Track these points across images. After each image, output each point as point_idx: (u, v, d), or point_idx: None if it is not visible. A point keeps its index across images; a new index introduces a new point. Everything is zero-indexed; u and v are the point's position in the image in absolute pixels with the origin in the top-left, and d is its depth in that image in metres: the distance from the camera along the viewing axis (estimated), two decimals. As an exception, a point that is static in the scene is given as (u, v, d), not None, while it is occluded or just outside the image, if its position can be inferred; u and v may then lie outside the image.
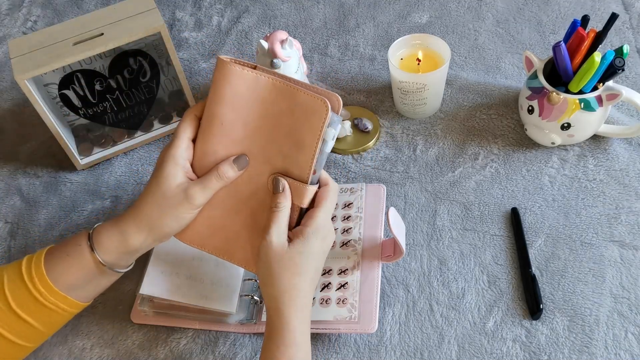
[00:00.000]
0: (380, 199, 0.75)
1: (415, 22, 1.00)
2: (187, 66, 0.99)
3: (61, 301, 0.60)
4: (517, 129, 0.83)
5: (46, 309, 0.60)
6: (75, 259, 0.59)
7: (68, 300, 0.60)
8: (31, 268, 0.59)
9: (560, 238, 0.71)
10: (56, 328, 0.64)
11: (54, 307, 0.60)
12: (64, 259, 0.59)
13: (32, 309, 0.59)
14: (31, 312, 0.59)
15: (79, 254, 0.59)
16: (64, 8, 1.14)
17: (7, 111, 0.98)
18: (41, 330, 0.61)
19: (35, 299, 0.59)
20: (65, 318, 0.63)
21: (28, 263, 0.60)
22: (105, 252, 0.59)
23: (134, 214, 0.59)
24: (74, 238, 0.61)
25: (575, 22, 0.73)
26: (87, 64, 0.83)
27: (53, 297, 0.59)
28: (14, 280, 0.59)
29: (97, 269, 0.60)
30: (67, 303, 0.60)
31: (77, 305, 0.62)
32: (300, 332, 0.56)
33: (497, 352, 0.64)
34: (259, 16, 1.06)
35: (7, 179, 0.88)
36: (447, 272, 0.70)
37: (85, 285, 0.61)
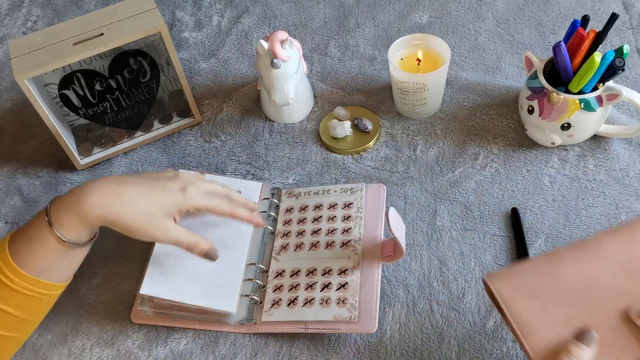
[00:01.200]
0: (380, 198, 0.75)
1: (415, 22, 1.00)
2: (187, 66, 0.99)
3: (35, 285, 0.59)
4: (517, 129, 0.83)
5: (21, 294, 0.58)
6: (38, 241, 0.58)
7: (42, 283, 0.59)
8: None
9: (560, 238, 0.71)
10: (40, 313, 0.63)
11: (29, 292, 0.59)
12: (26, 242, 0.58)
13: (6, 297, 0.58)
14: (6, 300, 0.58)
15: (40, 235, 0.58)
16: (64, 8, 1.14)
17: (7, 111, 0.98)
18: (23, 317, 0.60)
19: (6, 286, 0.57)
20: (46, 302, 0.62)
21: None
22: (66, 229, 0.58)
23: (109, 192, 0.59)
24: (34, 219, 0.59)
25: (575, 22, 0.73)
26: (87, 64, 0.83)
27: (25, 282, 0.58)
28: None
29: (62, 247, 0.59)
30: (41, 286, 0.59)
31: (53, 286, 0.61)
32: None
33: (497, 352, 0.64)
34: (259, 16, 1.06)
35: (7, 179, 0.88)
36: (447, 272, 0.70)
37: (55, 265, 0.60)
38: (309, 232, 0.73)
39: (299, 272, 0.70)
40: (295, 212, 0.76)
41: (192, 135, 0.90)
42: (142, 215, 0.60)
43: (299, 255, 0.72)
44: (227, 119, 0.90)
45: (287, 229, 0.75)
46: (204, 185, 0.66)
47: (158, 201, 0.61)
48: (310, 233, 0.73)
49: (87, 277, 0.75)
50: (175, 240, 0.62)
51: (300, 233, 0.74)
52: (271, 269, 0.71)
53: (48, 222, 0.58)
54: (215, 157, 0.86)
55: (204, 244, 0.64)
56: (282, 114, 0.87)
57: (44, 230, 0.58)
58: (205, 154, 0.87)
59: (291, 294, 0.68)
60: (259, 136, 0.88)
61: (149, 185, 0.62)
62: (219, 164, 0.85)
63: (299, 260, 0.71)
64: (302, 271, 0.70)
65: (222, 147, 0.87)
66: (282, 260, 0.72)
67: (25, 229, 0.60)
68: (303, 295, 0.68)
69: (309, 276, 0.69)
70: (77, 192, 0.59)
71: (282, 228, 0.75)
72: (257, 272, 0.70)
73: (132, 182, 0.61)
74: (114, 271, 0.76)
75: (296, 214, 0.76)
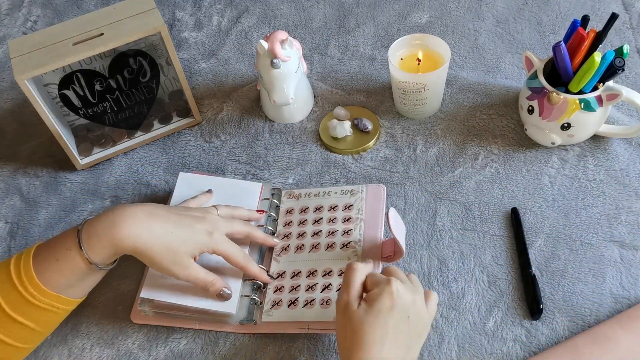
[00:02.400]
0: (380, 199, 0.75)
1: (415, 22, 1.00)
2: (187, 66, 0.99)
3: (55, 300, 0.60)
4: (517, 129, 0.83)
5: (40, 309, 0.60)
6: (65, 262, 0.60)
7: (61, 299, 0.61)
8: (20, 270, 0.59)
9: (560, 238, 0.71)
10: (53, 326, 0.64)
11: (48, 307, 0.60)
12: (53, 262, 0.60)
13: (25, 311, 0.59)
14: (25, 314, 0.59)
15: (69, 256, 0.60)
16: (64, 8, 1.14)
17: (7, 111, 0.98)
18: (38, 330, 0.61)
19: (28, 301, 0.59)
20: (61, 316, 0.63)
21: (17, 264, 0.60)
22: (95, 253, 0.60)
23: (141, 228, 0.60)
24: (62, 240, 0.61)
25: (575, 22, 0.73)
26: (87, 64, 0.83)
27: (46, 297, 0.59)
28: (4, 283, 0.59)
29: (88, 269, 0.61)
30: (60, 301, 0.61)
31: (71, 302, 0.63)
32: None
33: (497, 352, 0.64)
34: (259, 16, 1.06)
35: (7, 179, 0.88)
36: (447, 272, 0.70)
37: (78, 284, 0.62)
38: (310, 234, 0.73)
39: (299, 273, 0.70)
40: (296, 213, 0.76)
41: (192, 135, 0.90)
42: (167, 251, 0.61)
43: (299, 256, 0.72)
44: (227, 119, 0.90)
45: (288, 231, 0.75)
46: (229, 229, 0.67)
47: (184, 239, 0.62)
48: (311, 235, 0.73)
49: (87, 277, 0.75)
50: (194, 279, 0.64)
51: (300, 235, 0.74)
52: (271, 269, 0.71)
53: (79, 245, 0.60)
54: (215, 157, 0.86)
55: (219, 283, 0.66)
56: (282, 114, 0.87)
57: (73, 252, 0.60)
58: (205, 154, 0.87)
59: (291, 295, 0.68)
60: (259, 136, 0.88)
61: (178, 222, 0.63)
62: (219, 164, 0.85)
63: (299, 261, 0.71)
64: (302, 272, 0.70)
65: (222, 147, 0.87)
66: (283, 262, 0.72)
67: (52, 247, 0.61)
68: (304, 297, 0.68)
69: (310, 277, 0.69)
70: (110, 219, 0.60)
71: (283, 230, 0.75)
72: (257, 272, 0.70)
73: (162, 217, 0.63)
74: (114, 271, 0.75)
75: (297, 216, 0.76)
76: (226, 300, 0.66)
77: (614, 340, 0.61)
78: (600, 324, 0.64)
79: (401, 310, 0.55)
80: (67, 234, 0.61)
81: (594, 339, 0.62)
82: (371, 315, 0.55)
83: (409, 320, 0.56)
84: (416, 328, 0.56)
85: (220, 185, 0.76)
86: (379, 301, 0.55)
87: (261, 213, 0.74)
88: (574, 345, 0.62)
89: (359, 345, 0.54)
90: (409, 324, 0.56)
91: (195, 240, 0.63)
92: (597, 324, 0.64)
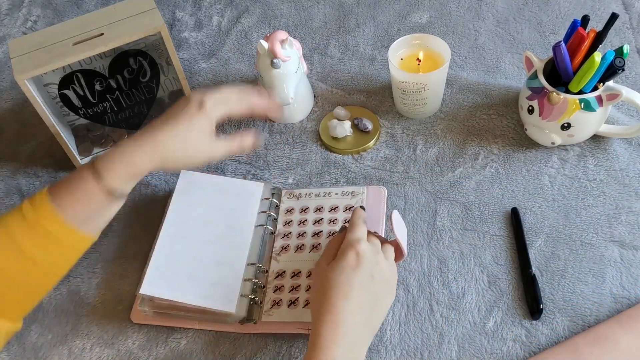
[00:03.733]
0: (381, 200, 0.75)
1: (415, 22, 1.00)
2: (187, 66, 0.99)
3: (72, 234, 0.61)
4: (517, 129, 0.83)
5: (57, 244, 0.61)
6: (84, 193, 0.61)
7: (77, 234, 0.62)
8: (37, 206, 0.60)
9: (560, 238, 0.71)
10: (65, 269, 0.65)
11: (66, 241, 0.61)
12: (72, 193, 0.61)
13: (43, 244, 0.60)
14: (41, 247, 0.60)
15: (87, 185, 0.61)
16: (64, 8, 1.14)
17: (7, 111, 0.98)
18: (51, 269, 0.63)
19: (46, 236, 0.60)
20: (74, 256, 0.64)
21: (31, 202, 0.61)
22: (113, 179, 0.62)
23: (152, 146, 0.63)
24: (77, 175, 0.62)
25: (575, 22, 0.73)
26: (87, 64, 0.83)
27: (64, 231, 0.60)
28: (21, 220, 0.60)
29: (106, 198, 0.62)
30: (76, 237, 0.62)
31: (85, 239, 0.63)
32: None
33: (497, 352, 0.64)
34: (259, 16, 1.06)
35: (7, 179, 0.88)
36: (447, 272, 0.70)
37: (95, 217, 0.63)
38: (310, 234, 0.73)
39: (299, 273, 0.70)
40: (296, 213, 0.76)
41: (192, 135, 0.90)
42: (187, 157, 0.66)
43: (299, 256, 0.72)
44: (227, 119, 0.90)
45: (288, 230, 0.75)
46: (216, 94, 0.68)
47: (191, 136, 0.65)
48: (311, 235, 0.73)
49: (87, 277, 0.75)
50: (220, 158, 0.70)
51: (301, 234, 0.74)
52: (271, 269, 0.71)
53: (97, 175, 0.61)
54: (215, 157, 0.86)
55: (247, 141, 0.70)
56: (282, 114, 0.87)
57: (91, 183, 0.61)
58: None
59: (292, 295, 0.68)
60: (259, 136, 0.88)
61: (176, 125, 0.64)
62: (219, 164, 0.85)
63: (299, 261, 0.71)
64: (302, 272, 0.70)
65: (222, 147, 0.87)
66: (283, 261, 0.72)
67: (67, 183, 0.62)
68: (304, 297, 0.68)
69: (310, 278, 0.69)
70: (125, 150, 0.63)
71: (283, 229, 0.75)
72: (257, 272, 0.70)
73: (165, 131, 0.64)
74: (114, 271, 0.76)
75: (297, 216, 0.76)
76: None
77: (614, 340, 0.61)
78: (600, 324, 0.64)
79: (365, 269, 0.59)
80: (80, 169, 0.62)
81: (594, 339, 0.62)
82: (336, 271, 0.59)
83: (374, 280, 0.59)
84: (382, 287, 0.60)
85: (221, 185, 0.76)
86: (344, 259, 0.59)
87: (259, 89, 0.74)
88: (574, 345, 0.62)
89: (327, 299, 0.57)
90: (374, 283, 0.59)
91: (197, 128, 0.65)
92: (597, 324, 0.64)
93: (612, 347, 0.61)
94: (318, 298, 0.59)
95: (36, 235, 0.60)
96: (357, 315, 0.57)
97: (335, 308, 0.56)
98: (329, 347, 0.54)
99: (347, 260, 0.59)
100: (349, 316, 0.56)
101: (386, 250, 0.63)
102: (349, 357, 0.55)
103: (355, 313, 0.57)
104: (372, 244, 0.62)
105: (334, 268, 0.59)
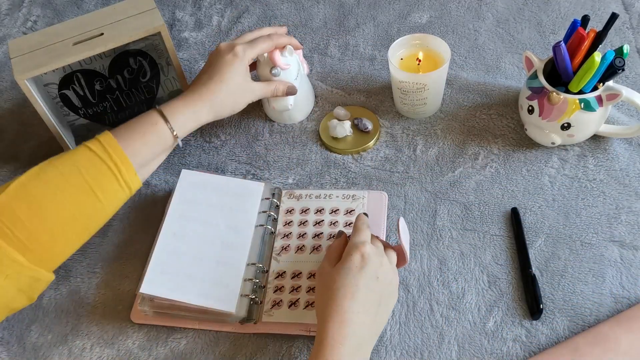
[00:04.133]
0: (382, 206, 0.75)
1: (415, 22, 1.00)
2: (187, 66, 0.99)
3: (133, 176, 0.68)
4: (517, 129, 0.83)
5: (117, 183, 0.67)
6: (153, 135, 0.70)
7: (135, 178, 0.68)
8: (104, 145, 0.66)
9: (560, 238, 0.71)
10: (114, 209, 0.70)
11: (123, 183, 0.67)
12: (141, 137, 0.69)
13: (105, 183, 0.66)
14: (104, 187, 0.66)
15: (157, 130, 0.70)
16: (64, 8, 1.14)
17: (7, 111, 0.98)
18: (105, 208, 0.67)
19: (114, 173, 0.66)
20: (123, 200, 0.69)
21: (96, 142, 0.66)
22: (179, 128, 0.71)
23: (209, 99, 0.73)
24: (144, 118, 0.70)
25: (575, 22, 0.73)
26: (87, 64, 0.83)
27: (129, 172, 0.67)
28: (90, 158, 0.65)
29: (169, 144, 0.72)
30: (133, 181, 0.68)
31: (137, 183, 0.69)
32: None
33: (497, 352, 0.64)
34: (259, 16, 1.06)
35: (7, 179, 0.88)
36: (447, 272, 0.70)
37: (151, 162, 0.72)
38: (311, 235, 0.73)
39: (300, 274, 0.70)
40: (297, 213, 0.76)
41: (192, 135, 0.89)
42: (235, 103, 0.76)
43: (300, 257, 0.72)
44: (227, 119, 0.90)
45: (288, 230, 0.75)
46: (244, 39, 0.78)
47: (234, 82, 0.74)
48: (312, 236, 0.73)
49: (87, 277, 0.75)
50: (261, 97, 0.79)
51: (301, 235, 0.74)
52: (271, 269, 0.71)
53: (165, 120, 0.70)
54: (215, 157, 0.86)
55: (281, 86, 0.79)
56: (282, 115, 0.87)
57: (160, 125, 0.70)
58: (205, 154, 0.87)
59: (292, 296, 0.68)
60: (259, 136, 0.88)
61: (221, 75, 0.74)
62: (219, 164, 0.85)
63: (300, 262, 0.71)
64: (303, 274, 0.70)
65: (222, 147, 0.87)
66: (283, 261, 0.72)
67: (134, 126, 0.69)
68: (305, 298, 0.68)
69: (311, 279, 0.70)
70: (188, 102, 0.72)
71: (283, 229, 0.75)
72: (257, 272, 0.70)
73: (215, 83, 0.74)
74: (114, 271, 0.76)
75: (297, 216, 0.76)
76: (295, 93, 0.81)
77: (614, 340, 0.61)
78: (600, 324, 0.64)
79: (370, 271, 0.60)
80: (146, 114, 0.71)
81: (594, 339, 0.62)
82: (342, 273, 0.59)
83: (379, 281, 0.60)
84: (386, 289, 0.61)
85: (222, 184, 0.76)
86: (350, 261, 0.60)
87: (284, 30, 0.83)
88: (574, 345, 0.62)
89: (333, 300, 0.58)
90: (378, 284, 0.60)
91: (235, 72, 0.74)
92: (597, 324, 0.64)
93: (612, 347, 0.61)
94: (324, 299, 0.59)
95: (105, 169, 0.66)
96: (363, 315, 0.57)
97: (342, 308, 0.57)
98: (336, 346, 0.55)
99: (352, 262, 0.60)
100: (355, 316, 0.57)
101: (389, 254, 0.64)
102: (355, 357, 0.56)
103: (361, 313, 0.57)
104: (376, 247, 0.63)
105: (339, 270, 0.60)
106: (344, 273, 0.59)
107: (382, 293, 0.60)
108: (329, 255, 0.64)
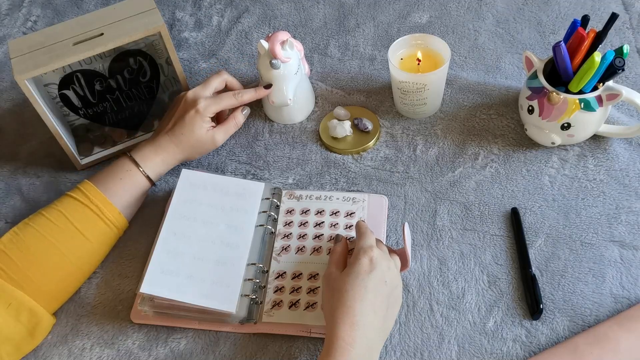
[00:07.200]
0: (382, 209, 0.75)
1: (415, 22, 1.00)
2: (187, 66, 0.99)
3: (116, 217, 0.73)
4: (517, 129, 0.83)
5: (103, 223, 0.71)
6: (129, 180, 0.74)
7: (120, 218, 0.73)
8: (84, 192, 0.71)
9: (560, 238, 0.71)
10: (106, 248, 0.75)
11: (109, 223, 0.72)
12: (118, 182, 0.74)
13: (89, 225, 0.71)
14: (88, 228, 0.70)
15: (132, 176, 0.75)
16: (64, 8, 1.14)
17: (7, 111, 0.98)
18: (94, 247, 0.72)
19: (94, 215, 0.71)
20: (113, 238, 0.75)
21: (78, 190, 0.72)
22: (151, 172, 0.76)
23: (173, 150, 0.77)
24: (116, 166, 0.75)
25: (575, 22, 0.73)
26: (87, 64, 0.83)
27: (110, 212, 0.72)
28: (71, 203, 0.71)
29: (145, 186, 0.76)
30: (119, 221, 0.73)
31: (123, 223, 0.75)
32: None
33: (497, 352, 0.64)
34: (259, 16, 1.06)
35: (7, 179, 0.88)
36: (447, 272, 0.70)
37: (133, 203, 0.76)
38: (311, 236, 0.73)
39: (300, 275, 0.70)
40: (297, 214, 0.76)
41: (192, 135, 0.90)
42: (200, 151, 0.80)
43: (301, 258, 0.72)
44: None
45: (288, 231, 0.75)
46: (206, 94, 0.79)
47: (194, 137, 0.77)
48: (313, 237, 0.73)
49: (87, 277, 0.75)
50: (223, 140, 0.81)
51: (302, 236, 0.74)
52: (272, 269, 0.71)
53: (137, 166, 0.75)
54: (215, 157, 0.86)
55: (238, 118, 0.82)
56: (282, 115, 0.87)
57: (133, 171, 0.75)
58: (205, 154, 0.87)
59: (293, 297, 0.68)
60: (259, 136, 0.88)
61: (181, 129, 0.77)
62: (219, 164, 0.85)
63: (300, 263, 0.71)
64: (304, 274, 0.70)
65: (222, 147, 0.87)
66: (283, 262, 0.72)
67: (110, 173, 0.74)
68: (305, 299, 0.68)
69: (311, 280, 0.70)
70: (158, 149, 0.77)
71: (283, 229, 0.75)
72: (257, 272, 0.70)
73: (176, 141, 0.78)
74: (114, 271, 0.76)
75: (297, 217, 0.76)
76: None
77: (614, 340, 0.61)
78: (600, 324, 0.64)
79: (379, 274, 0.60)
80: (119, 161, 0.76)
81: (594, 339, 0.62)
82: (351, 276, 0.60)
83: (387, 284, 0.61)
84: (393, 291, 0.61)
85: (222, 184, 0.76)
86: (358, 264, 0.61)
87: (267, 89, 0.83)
88: (574, 345, 0.62)
89: (343, 302, 0.58)
90: (386, 287, 0.60)
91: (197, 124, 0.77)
92: (597, 324, 0.64)
93: (612, 347, 0.61)
94: (333, 302, 0.59)
95: (89, 212, 0.71)
96: (373, 317, 0.58)
97: (352, 310, 0.57)
98: (346, 348, 0.55)
99: (361, 266, 0.60)
100: (365, 318, 0.57)
101: (394, 259, 0.65)
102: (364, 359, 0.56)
103: (370, 315, 0.58)
104: (382, 251, 0.63)
105: (348, 273, 0.60)
106: (354, 276, 0.60)
107: (390, 296, 0.61)
108: (335, 260, 0.65)
